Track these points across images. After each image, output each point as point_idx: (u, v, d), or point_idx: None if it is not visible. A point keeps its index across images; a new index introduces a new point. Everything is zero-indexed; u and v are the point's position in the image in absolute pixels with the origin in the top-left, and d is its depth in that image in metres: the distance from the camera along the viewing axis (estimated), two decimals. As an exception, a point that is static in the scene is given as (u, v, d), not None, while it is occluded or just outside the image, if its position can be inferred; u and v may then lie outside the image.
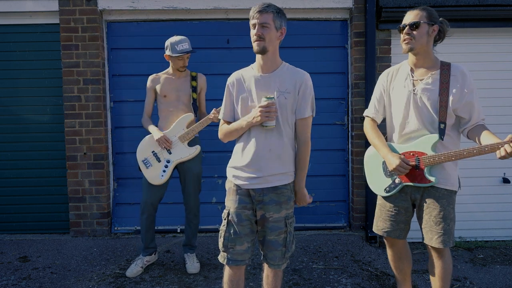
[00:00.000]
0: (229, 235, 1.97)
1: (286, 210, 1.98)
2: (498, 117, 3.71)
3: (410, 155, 2.08)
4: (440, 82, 2.01)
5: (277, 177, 1.95)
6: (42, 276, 3.02)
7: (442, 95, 1.99)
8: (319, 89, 4.00)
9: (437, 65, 2.07)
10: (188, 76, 3.14)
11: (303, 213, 4.03)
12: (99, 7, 3.78)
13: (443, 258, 2.11)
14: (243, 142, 1.98)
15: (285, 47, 4.01)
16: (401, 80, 2.14)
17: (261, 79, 1.96)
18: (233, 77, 2.04)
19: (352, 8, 3.82)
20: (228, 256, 1.99)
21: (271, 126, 1.90)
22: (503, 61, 3.77)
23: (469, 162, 3.74)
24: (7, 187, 3.96)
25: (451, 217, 2.07)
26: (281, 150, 1.93)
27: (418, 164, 2.05)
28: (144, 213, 3.05)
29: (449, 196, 2.07)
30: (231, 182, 2.02)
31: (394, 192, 2.18)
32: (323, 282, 2.90)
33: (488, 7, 3.60)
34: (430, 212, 2.07)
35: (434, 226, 2.06)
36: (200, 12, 3.88)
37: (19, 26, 3.88)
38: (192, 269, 3.06)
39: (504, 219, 3.80)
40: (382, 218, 2.26)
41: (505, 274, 3.05)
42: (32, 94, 3.92)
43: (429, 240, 2.09)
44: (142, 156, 3.05)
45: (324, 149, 4.01)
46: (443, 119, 2.00)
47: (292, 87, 1.94)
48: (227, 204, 2.02)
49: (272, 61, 1.96)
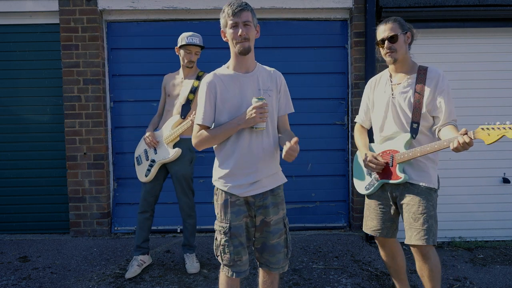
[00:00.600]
0: (234, 248, 1.86)
1: (283, 210, 1.97)
2: (498, 117, 3.68)
3: (387, 153, 2.20)
4: (416, 85, 2.13)
5: (273, 177, 1.93)
6: (42, 276, 3.02)
7: (416, 97, 2.11)
8: (319, 89, 4.02)
9: (415, 69, 2.19)
10: (194, 75, 3.07)
11: (303, 213, 4.04)
12: (99, 7, 3.79)
13: (429, 261, 2.10)
14: (231, 148, 1.86)
15: (285, 47, 4.04)
16: (382, 86, 2.29)
17: (244, 79, 1.87)
18: (211, 78, 1.87)
19: (352, 8, 3.82)
20: (234, 270, 1.89)
21: (262, 128, 1.83)
22: (503, 61, 3.77)
23: (469, 162, 3.77)
24: (7, 187, 3.96)
25: (431, 215, 2.10)
26: (272, 148, 1.91)
27: (392, 162, 2.16)
28: (140, 210, 3.10)
29: (428, 193, 2.11)
30: (226, 194, 1.88)
31: (373, 190, 2.29)
32: (323, 282, 2.90)
33: (488, 7, 3.60)
34: (409, 209, 2.13)
35: (413, 223, 2.10)
36: (200, 12, 3.88)
37: (19, 26, 3.88)
38: (192, 269, 3.06)
39: (504, 219, 3.80)
40: (370, 217, 2.35)
41: (505, 274, 3.05)
42: (32, 94, 3.92)
43: (409, 238, 2.11)
44: (137, 153, 3.15)
45: (324, 149, 4.02)
46: (416, 119, 2.11)
47: (273, 85, 1.93)
48: (224, 218, 1.88)
49: (251, 60, 1.90)
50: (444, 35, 3.64)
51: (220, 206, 1.90)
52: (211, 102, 1.86)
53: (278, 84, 1.95)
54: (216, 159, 1.94)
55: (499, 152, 3.73)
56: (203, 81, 1.89)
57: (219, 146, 1.90)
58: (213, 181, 1.95)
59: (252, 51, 1.87)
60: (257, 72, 1.91)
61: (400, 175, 2.13)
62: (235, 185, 1.86)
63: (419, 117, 2.11)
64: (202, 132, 1.86)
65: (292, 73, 3.95)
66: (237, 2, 1.80)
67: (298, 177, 4.02)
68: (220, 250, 1.89)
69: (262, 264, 1.99)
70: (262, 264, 1.99)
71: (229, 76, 1.88)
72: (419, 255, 2.12)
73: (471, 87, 3.74)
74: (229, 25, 1.80)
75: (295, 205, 4.02)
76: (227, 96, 1.86)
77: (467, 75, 3.73)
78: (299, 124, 3.98)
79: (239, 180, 1.85)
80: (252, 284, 2.81)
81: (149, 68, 3.95)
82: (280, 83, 1.96)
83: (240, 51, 1.82)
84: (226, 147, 1.87)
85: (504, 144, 3.52)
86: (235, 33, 1.79)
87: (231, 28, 1.80)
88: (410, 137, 2.12)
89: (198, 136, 1.87)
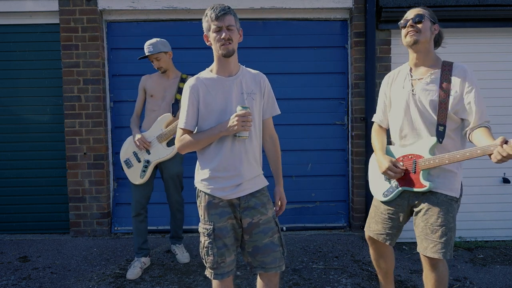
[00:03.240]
0: (217, 250, 1.85)
1: (271, 209, 1.95)
2: (498, 117, 3.71)
3: (409, 158, 2.01)
4: (440, 82, 1.92)
5: (256, 179, 1.91)
6: (42, 276, 3.02)
7: (442, 96, 1.90)
8: (319, 89, 4.03)
9: (439, 64, 1.98)
10: (178, 77, 3.16)
11: (303, 213, 4.04)
12: (99, 7, 3.79)
13: (436, 271, 1.97)
14: (214, 150, 1.85)
15: (285, 47, 4.04)
16: (400, 81, 2.08)
17: (227, 82, 1.86)
18: (194, 82, 1.86)
19: (352, 8, 3.82)
20: (217, 272, 1.88)
21: (244, 137, 1.81)
22: (503, 61, 3.77)
23: (469, 162, 3.73)
24: (7, 187, 3.96)
25: (450, 227, 1.93)
26: (255, 151, 1.91)
27: (415, 168, 1.97)
28: (133, 213, 3.09)
29: (448, 203, 1.95)
30: (209, 196, 1.87)
31: (391, 197, 2.10)
32: (323, 282, 2.90)
33: (488, 7, 3.60)
34: (427, 219, 1.96)
35: (430, 234, 1.94)
36: (200, 12, 3.86)
37: (19, 26, 3.88)
38: (183, 259, 3.20)
39: (504, 219, 3.80)
40: (375, 220, 2.21)
41: (505, 274, 3.05)
42: (32, 94, 3.92)
43: (424, 249, 1.96)
44: (124, 156, 3.11)
45: (324, 149, 4.02)
46: (442, 121, 1.91)
47: (257, 88, 1.92)
48: (208, 220, 1.87)
49: (234, 64, 1.89)
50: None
51: (203, 208, 1.89)
52: (193, 106, 1.86)
53: (262, 87, 1.94)
54: (198, 161, 1.94)
55: (499, 152, 3.72)
56: (186, 85, 1.89)
57: (202, 149, 1.90)
58: (196, 183, 1.94)
59: (236, 54, 1.87)
60: (241, 76, 1.90)
61: (425, 183, 1.93)
62: (217, 187, 1.86)
63: (445, 118, 1.89)
64: (185, 136, 1.86)
65: (292, 73, 3.96)
66: (220, 6, 1.81)
67: (298, 177, 4.02)
68: (204, 252, 1.89)
69: (256, 267, 1.92)
70: (256, 267, 1.92)
71: (212, 79, 1.87)
72: (428, 264, 1.99)
73: (471, 87, 3.74)
74: (213, 29, 1.81)
75: (295, 205, 4.02)
76: (209, 100, 1.85)
77: (467, 75, 3.73)
78: (299, 124, 3.99)
79: (221, 183, 1.85)
80: (252, 284, 2.81)
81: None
82: (264, 86, 1.94)
83: (224, 54, 1.81)
84: (209, 150, 1.87)
85: (504, 144, 3.52)
86: (219, 36, 1.79)
87: (215, 32, 1.81)
88: (436, 141, 1.91)
89: (181, 140, 1.88)
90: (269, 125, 2.01)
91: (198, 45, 3.88)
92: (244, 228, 1.90)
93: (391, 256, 2.32)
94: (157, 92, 3.10)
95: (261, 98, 1.94)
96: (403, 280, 2.93)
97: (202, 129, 1.87)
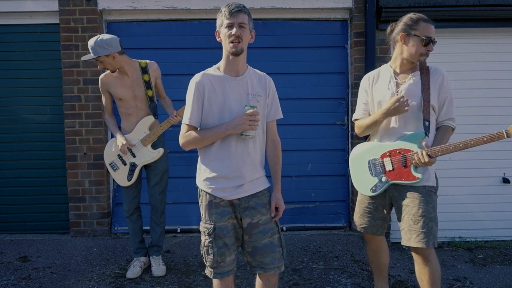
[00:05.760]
0: (217, 250, 1.86)
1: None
2: (498, 117, 3.71)
3: (396, 153, 2.13)
4: (422, 83, 2.12)
5: (257, 181, 1.91)
6: (42, 276, 3.02)
7: (425, 94, 2.09)
8: (319, 89, 4.02)
9: (417, 67, 2.19)
10: (137, 70, 2.91)
11: (303, 213, 4.04)
12: (99, 7, 3.78)
13: (428, 263, 2.08)
14: (218, 150, 1.85)
15: (285, 47, 4.03)
16: (384, 82, 2.23)
17: (233, 82, 1.86)
18: (200, 78, 1.86)
19: (352, 8, 3.82)
20: (216, 272, 1.89)
21: (250, 136, 1.81)
22: (503, 61, 3.77)
23: (469, 162, 3.77)
24: (7, 187, 3.96)
25: (431, 217, 2.06)
26: (258, 154, 1.91)
27: (405, 161, 2.10)
28: (126, 214, 3.08)
29: (428, 194, 2.08)
30: (210, 196, 1.88)
31: (380, 191, 2.21)
32: (323, 282, 2.90)
33: (488, 7, 3.60)
34: (409, 211, 2.09)
35: (413, 225, 2.06)
36: (200, 12, 3.88)
37: (19, 26, 3.88)
38: (158, 272, 3.00)
39: (504, 219, 3.80)
40: (360, 214, 2.35)
41: (505, 274, 3.05)
42: (32, 94, 3.92)
43: (408, 240, 2.08)
44: (109, 159, 3.05)
45: (324, 149, 4.02)
46: (427, 117, 2.08)
47: (262, 90, 1.91)
48: (209, 219, 1.88)
49: (242, 64, 1.88)
50: (444, 35, 3.64)
51: (204, 207, 1.90)
52: (198, 102, 1.85)
53: (267, 89, 1.94)
54: (200, 161, 1.93)
55: (499, 152, 3.73)
56: (192, 80, 1.88)
57: (204, 148, 1.89)
58: (197, 183, 1.94)
59: (245, 54, 1.85)
60: (247, 76, 1.90)
61: (417, 175, 2.07)
62: (218, 187, 1.86)
63: (429, 114, 2.09)
64: (191, 132, 1.85)
65: (292, 73, 3.95)
66: (235, 4, 1.79)
67: (298, 177, 4.02)
68: (204, 251, 1.90)
69: (255, 267, 1.93)
70: (255, 267, 1.93)
71: (218, 77, 1.86)
72: (419, 258, 2.09)
73: (471, 87, 3.74)
74: (225, 25, 1.79)
75: (295, 205, 4.02)
76: (214, 97, 1.84)
77: (467, 75, 3.74)
78: (299, 124, 3.98)
79: (223, 183, 1.85)
80: (252, 284, 2.81)
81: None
82: (269, 88, 1.94)
83: (232, 52, 1.79)
84: (211, 149, 1.86)
85: (504, 144, 3.53)
86: (230, 32, 1.77)
87: (226, 28, 1.78)
88: (424, 135, 2.08)
89: (186, 136, 1.86)
90: (271, 128, 2.00)
91: (198, 45, 3.90)
92: (244, 228, 1.90)
93: (386, 253, 2.41)
94: (125, 94, 2.91)
95: (265, 100, 1.93)
96: (403, 280, 2.93)
97: (205, 126, 1.87)
